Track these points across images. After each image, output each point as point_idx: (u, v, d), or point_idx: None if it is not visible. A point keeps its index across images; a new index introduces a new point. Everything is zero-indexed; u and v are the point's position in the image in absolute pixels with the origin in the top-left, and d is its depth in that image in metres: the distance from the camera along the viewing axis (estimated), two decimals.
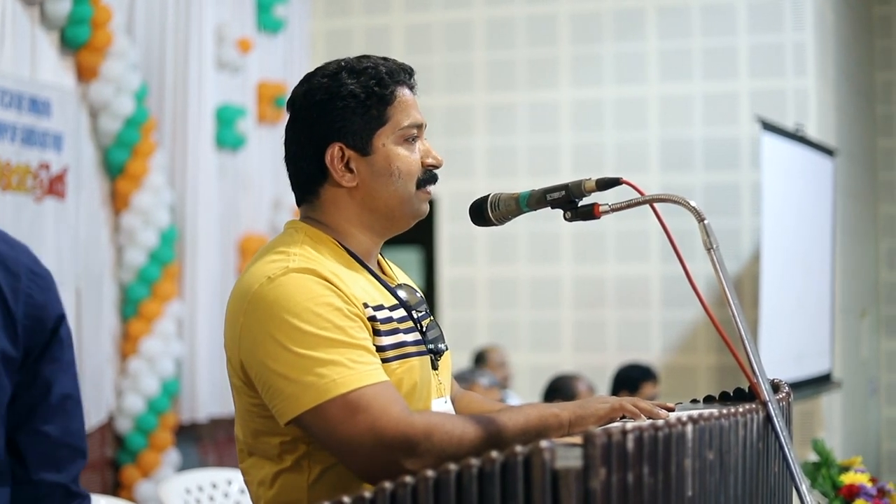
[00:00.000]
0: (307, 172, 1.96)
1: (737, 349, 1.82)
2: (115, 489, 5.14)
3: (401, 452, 1.71)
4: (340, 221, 1.96)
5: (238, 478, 4.11)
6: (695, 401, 2.08)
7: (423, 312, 2.01)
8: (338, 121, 1.93)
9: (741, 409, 1.72)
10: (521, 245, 6.88)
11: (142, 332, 5.21)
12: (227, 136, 5.76)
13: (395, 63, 1.99)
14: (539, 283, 6.87)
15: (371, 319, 1.85)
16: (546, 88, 6.93)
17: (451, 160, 6.35)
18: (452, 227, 6.97)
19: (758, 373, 1.78)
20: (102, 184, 5.17)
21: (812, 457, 3.14)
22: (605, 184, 1.92)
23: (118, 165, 5.14)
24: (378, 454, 1.72)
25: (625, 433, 1.46)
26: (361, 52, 2.04)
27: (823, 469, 3.04)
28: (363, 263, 1.95)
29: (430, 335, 1.99)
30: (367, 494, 1.38)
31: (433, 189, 2.01)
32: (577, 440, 1.53)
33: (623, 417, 1.89)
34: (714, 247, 1.82)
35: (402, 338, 1.89)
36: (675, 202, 1.86)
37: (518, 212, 2.00)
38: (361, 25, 7.23)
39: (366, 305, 1.85)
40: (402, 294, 1.99)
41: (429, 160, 1.98)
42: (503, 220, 2.02)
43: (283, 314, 1.78)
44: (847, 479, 2.97)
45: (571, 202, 1.95)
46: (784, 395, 1.93)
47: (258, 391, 1.83)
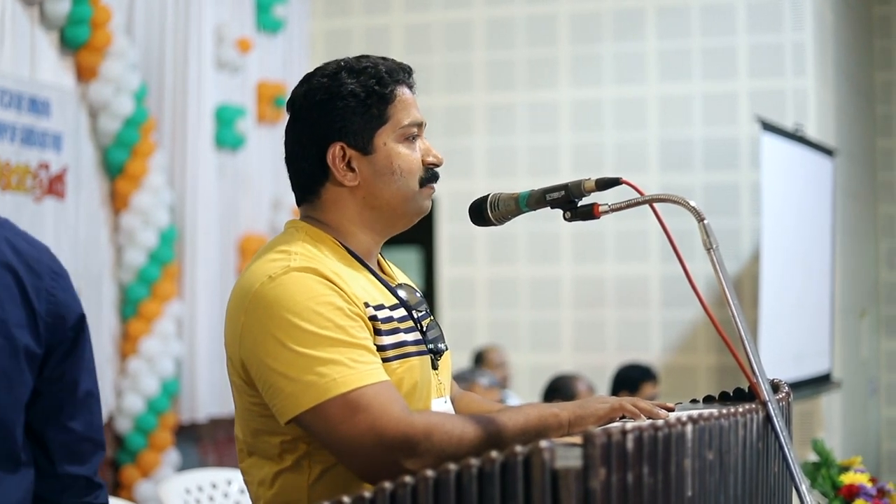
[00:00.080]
0: (308, 172, 1.96)
1: (736, 349, 1.82)
2: (115, 489, 5.14)
3: (401, 452, 1.71)
4: (341, 221, 1.96)
5: (238, 478, 4.11)
6: (694, 401, 2.08)
7: (424, 312, 2.01)
8: (338, 120, 1.93)
9: (741, 409, 1.71)
10: (521, 245, 6.88)
11: (141, 332, 5.21)
12: (227, 136, 5.76)
13: (394, 62, 1.99)
14: (539, 283, 6.87)
15: (372, 319, 1.85)
16: (546, 88, 6.93)
17: (451, 160, 6.34)
18: (452, 227, 6.97)
19: (757, 373, 1.78)
20: (102, 184, 5.17)
21: (812, 457, 3.14)
22: (605, 184, 1.92)
23: (118, 165, 5.14)
24: (378, 454, 1.72)
25: (624, 433, 1.46)
26: (361, 52, 2.04)
27: (823, 469, 3.04)
28: (364, 263, 1.95)
29: (431, 335, 1.99)
30: (367, 494, 1.38)
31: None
32: (577, 440, 1.53)
33: (623, 417, 1.89)
34: (714, 247, 1.82)
35: (403, 337, 1.89)
36: (675, 202, 1.86)
37: (518, 212, 2.00)
38: (361, 25, 7.23)
39: (367, 305, 1.85)
40: (403, 294, 1.99)
41: (429, 158, 1.99)
42: (503, 220, 2.02)
43: (284, 313, 1.78)
44: (847, 480, 2.97)
45: (571, 202, 1.95)
46: (784, 395, 1.93)
47: (259, 390, 1.83)
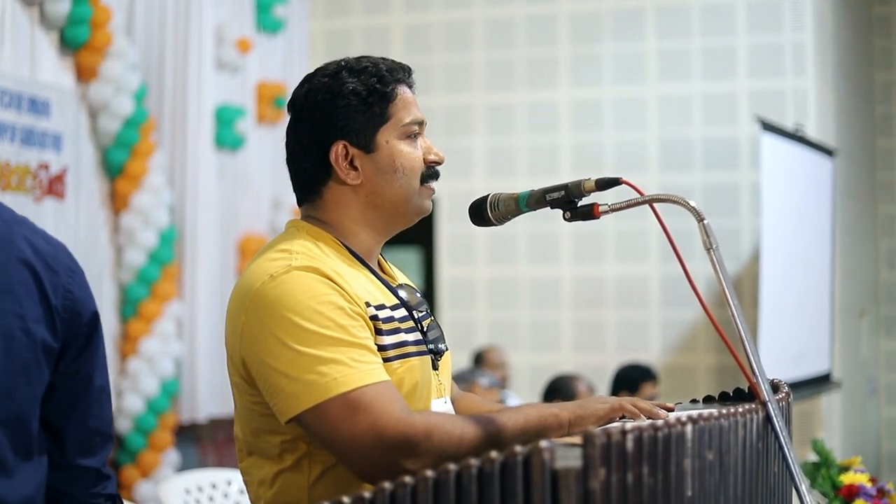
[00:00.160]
0: (310, 172, 1.97)
1: (736, 349, 1.82)
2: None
3: (401, 452, 1.71)
4: (343, 220, 1.96)
5: (237, 478, 4.11)
6: (694, 401, 2.08)
7: (424, 313, 2.01)
8: (340, 119, 1.93)
9: (741, 410, 1.71)
10: (521, 245, 6.88)
11: (141, 333, 5.21)
12: (227, 137, 5.76)
13: (394, 62, 2.00)
14: (539, 283, 6.87)
15: (373, 318, 1.85)
16: (545, 88, 6.93)
17: (451, 160, 6.32)
18: (452, 227, 6.97)
19: (757, 373, 1.78)
20: (102, 184, 5.17)
21: (812, 457, 3.14)
22: (605, 184, 1.92)
23: (117, 166, 5.14)
24: (378, 454, 1.72)
25: (624, 433, 1.45)
26: (361, 53, 2.05)
27: (823, 469, 3.04)
28: (365, 262, 1.96)
29: (431, 335, 1.99)
30: (367, 494, 1.38)
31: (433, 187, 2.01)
32: (577, 440, 1.53)
33: (622, 417, 1.89)
34: (713, 247, 1.82)
35: (404, 337, 1.90)
36: (675, 202, 1.86)
37: (517, 212, 2.00)
38: (361, 26, 7.23)
39: (368, 304, 1.86)
40: (403, 294, 1.99)
41: (431, 157, 1.99)
42: (503, 220, 2.02)
43: (285, 312, 1.78)
44: (846, 479, 2.97)
45: (571, 202, 1.95)
46: (783, 395, 1.92)
47: (259, 389, 1.83)
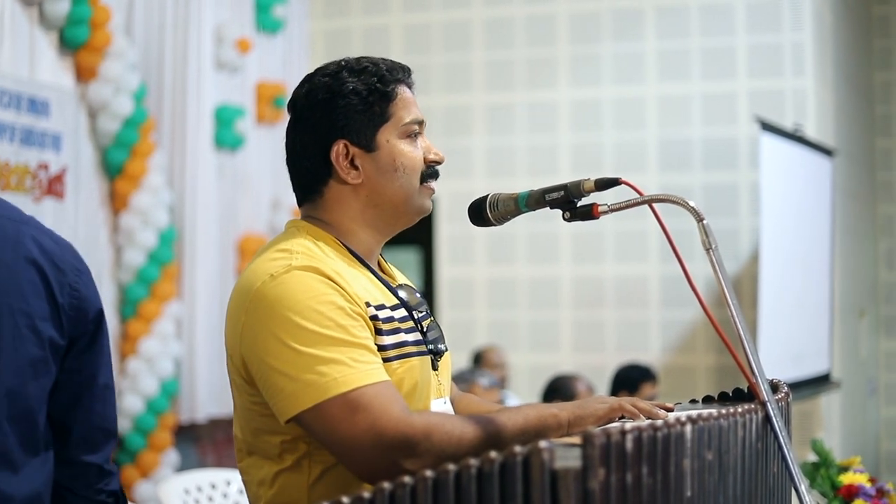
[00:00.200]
0: (311, 171, 1.97)
1: (736, 349, 1.82)
2: None
3: (400, 452, 1.71)
4: (344, 220, 1.96)
5: (237, 478, 4.11)
6: (694, 401, 2.08)
7: (424, 313, 2.01)
8: (341, 118, 1.93)
9: (740, 410, 1.71)
10: (520, 245, 6.88)
11: (141, 333, 5.21)
12: (226, 137, 5.76)
13: (394, 62, 2.01)
14: (538, 284, 6.87)
15: (373, 319, 1.85)
16: (545, 88, 6.93)
17: (450, 160, 6.32)
18: (451, 228, 6.97)
19: (757, 373, 1.78)
20: (101, 184, 5.17)
21: (811, 457, 3.14)
22: (604, 184, 1.92)
23: (117, 166, 5.14)
24: (377, 454, 1.72)
25: (624, 433, 1.45)
26: (360, 53, 2.06)
27: (822, 469, 3.03)
28: (365, 262, 1.96)
29: (431, 335, 1.99)
30: (367, 495, 1.38)
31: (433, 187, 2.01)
32: (576, 440, 1.53)
33: (622, 418, 1.89)
34: (713, 247, 1.82)
35: (404, 337, 1.90)
36: (674, 202, 1.86)
37: (517, 212, 2.00)
38: (360, 26, 7.23)
39: (368, 304, 1.86)
40: (403, 294, 1.99)
41: (431, 156, 1.99)
42: (502, 221, 2.02)
43: (286, 312, 1.78)
44: (846, 480, 2.97)
45: (570, 202, 1.95)
46: (783, 396, 1.92)
47: (259, 389, 1.83)
